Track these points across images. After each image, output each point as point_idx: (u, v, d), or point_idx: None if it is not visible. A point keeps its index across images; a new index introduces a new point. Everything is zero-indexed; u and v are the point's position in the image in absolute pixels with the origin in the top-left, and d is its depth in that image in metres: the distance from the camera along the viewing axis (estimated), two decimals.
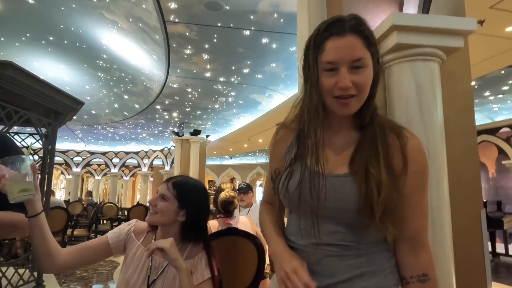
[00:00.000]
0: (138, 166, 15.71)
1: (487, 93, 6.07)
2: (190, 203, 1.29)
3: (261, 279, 1.98)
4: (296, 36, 4.44)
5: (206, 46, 4.93)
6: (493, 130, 7.85)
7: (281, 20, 4.14)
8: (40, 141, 3.05)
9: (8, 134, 2.75)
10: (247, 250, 2.10)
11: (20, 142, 3.17)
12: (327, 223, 0.86)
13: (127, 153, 15.44)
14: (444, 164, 1.24)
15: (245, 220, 2.59)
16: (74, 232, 7.24)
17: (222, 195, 2.52)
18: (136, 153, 15.37)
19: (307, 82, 0.87)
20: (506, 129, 7.69)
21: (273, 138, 1.02)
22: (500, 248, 6.91)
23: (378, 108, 0.89)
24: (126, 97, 8.25)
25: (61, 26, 5.17)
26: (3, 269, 2.58)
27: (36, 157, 3.12)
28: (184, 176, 1.38)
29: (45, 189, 3.07)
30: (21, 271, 2.74)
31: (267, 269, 2.34)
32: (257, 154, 15.80)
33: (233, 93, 7.10)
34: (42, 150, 3.07)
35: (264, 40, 4.69)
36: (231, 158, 17.32)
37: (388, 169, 0.81)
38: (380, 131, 0.85)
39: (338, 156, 0.88)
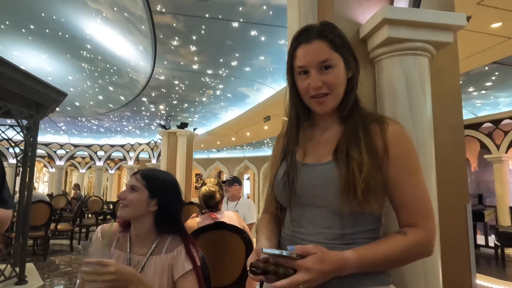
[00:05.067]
0: (124, 159, 15.46)
1: (470, 89, 6.18)
2: (160, 191, 1.29)
3: None
4: (285, 29, 4.42)
5: (194, 37, 4.85)
6: (475, 125, 8.04)
7: (270, 13, 4.10)
8: (21, 133, 2.95)
9: None
10: (235, 244, 2.10)
11: (0, 134, 3.07)
12: (314, 212, 0.90)
13: (112, 146, 15.18)
14: (432, 159, 1.25)
15: (232, 215, 2.57)
16: (58, 226, 7.11)
17: (202, 189, 2.50)
18: (122, 146, 15.13)
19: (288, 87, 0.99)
20: (488, 124, 7.89)
21: (273, 148, 1.12)
22: (480, 240, 7.14)
23: (361, 102, 0.97)
24: (111, 88, 8.08)
25: (43, 14, 4.99)
26: None
27: (17, 150, 3.02)
28: (152, 168, 1.38)
29: (26, 183, 2.98)
30: (2, 266, 2.67)
31: None
32: (244, 147, 15.78)
33: (221, 86, 7.03)
34: (24, 142, 2.97)
35: (253, 33, 4.65)
36: (218, 151, 17.25)
37: (369, 151, 0.86)
38: (361, 120, 0.91)
39: (324, 148, 0.93)
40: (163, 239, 1.28)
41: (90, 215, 9.43)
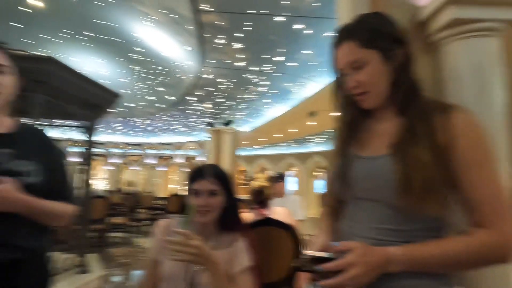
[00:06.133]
0: (173, 156, 16.12)
1: None
2: (230, 188, 1.31)
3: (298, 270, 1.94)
4: (330, 20, 4.26)
5: (238, 34, 4.88)
6: None
7: (315, 4, 3.99)
8: (81, 133, 3.17)
9: (51, 126, 2.88)
10: (283, 241, 2.06)
11: (63, 134, 3.31)
12: (368, 206, 0.86)
13: (162, 144, 15.88)
14: (506, 152, 1.12)
15: (282, 211, 2.54)
16: (114, 220, 7.57)
17: (254, 184, 2.53)
18: (171, 144, 15.77)
19: None
20: None
21: (333, 141, 1.10)
22: None
23: (422, 90, 0.89)
24: (160, 89, 8.42)
25: (97, 21, 5.31)
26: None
27: (78, 149, 3.25)
28: (211, 165, 1.37)
29: (86, 179, 3.20)
30: (68, 256, 2.88)
31: None
32: (289, 144, 15.66)
33: (265, 83, 7.02)
34: (84, 141, 3.19)
35: (297, 26, 4.56)
36: (263, 148, 17.31)
37: (430, 146, 0.79)
38: (422, 111, 0.84)
39: (381, 141, 0.88)
40: (221, 235, 1.29)
41: (142, 210, 9.93)
